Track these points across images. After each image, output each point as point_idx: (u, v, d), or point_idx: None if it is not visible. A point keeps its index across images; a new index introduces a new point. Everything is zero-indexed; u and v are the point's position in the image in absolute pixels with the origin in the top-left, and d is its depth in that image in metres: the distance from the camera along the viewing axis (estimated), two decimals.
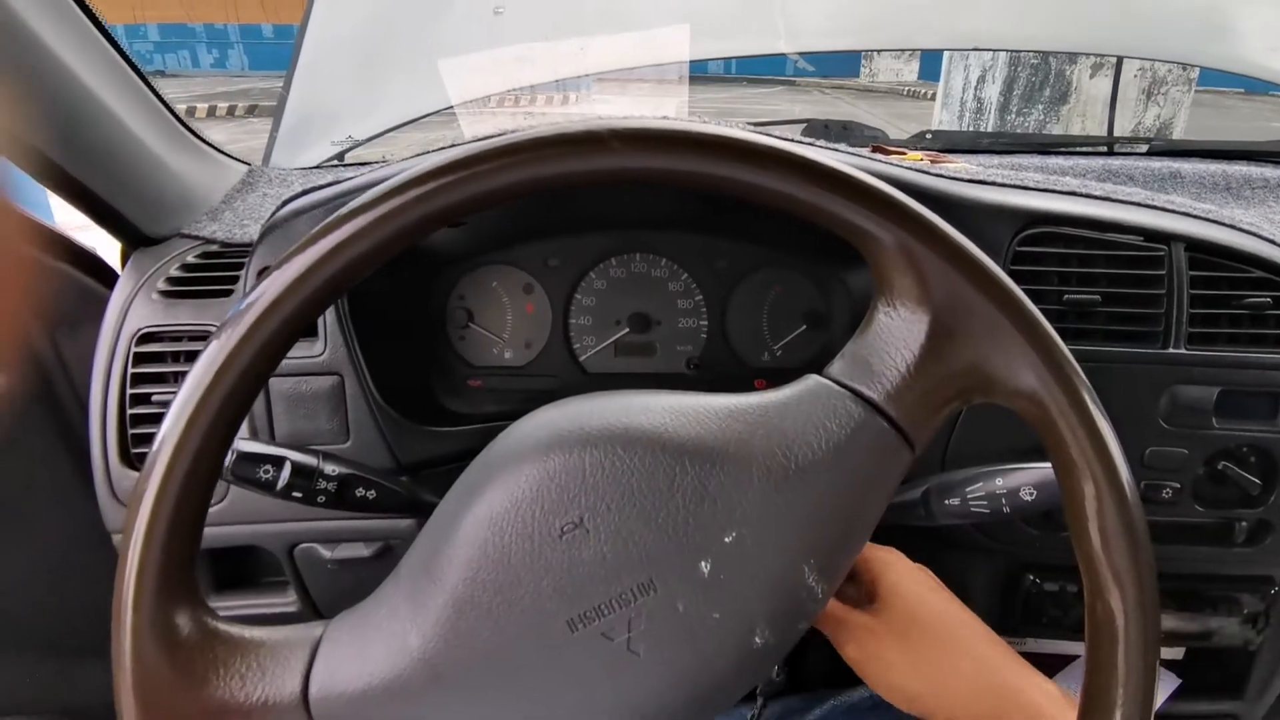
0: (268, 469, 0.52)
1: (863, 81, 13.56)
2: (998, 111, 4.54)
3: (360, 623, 0.38)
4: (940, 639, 0.50)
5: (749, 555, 0.36)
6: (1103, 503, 0.36)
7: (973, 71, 4.77)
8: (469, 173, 0.36)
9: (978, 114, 4.74)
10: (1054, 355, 0.37)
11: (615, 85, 1.27)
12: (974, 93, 4.80)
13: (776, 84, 12.90)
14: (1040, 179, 0.72)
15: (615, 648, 0.35)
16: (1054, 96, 4.42)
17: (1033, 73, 4.44)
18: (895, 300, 0.39)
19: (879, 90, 12.64)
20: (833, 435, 0.38)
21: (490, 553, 0.36)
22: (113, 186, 0.72)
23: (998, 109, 4.54)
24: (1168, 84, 4.25)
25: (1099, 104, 4.32)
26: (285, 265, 0.35)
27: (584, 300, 0.82)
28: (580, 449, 0.37)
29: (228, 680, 0.36)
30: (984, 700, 0.47)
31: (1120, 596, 0.35)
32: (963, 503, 0.52)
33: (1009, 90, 4.52)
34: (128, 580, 0.35)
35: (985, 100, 4.68)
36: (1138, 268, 0.65)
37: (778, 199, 0.38)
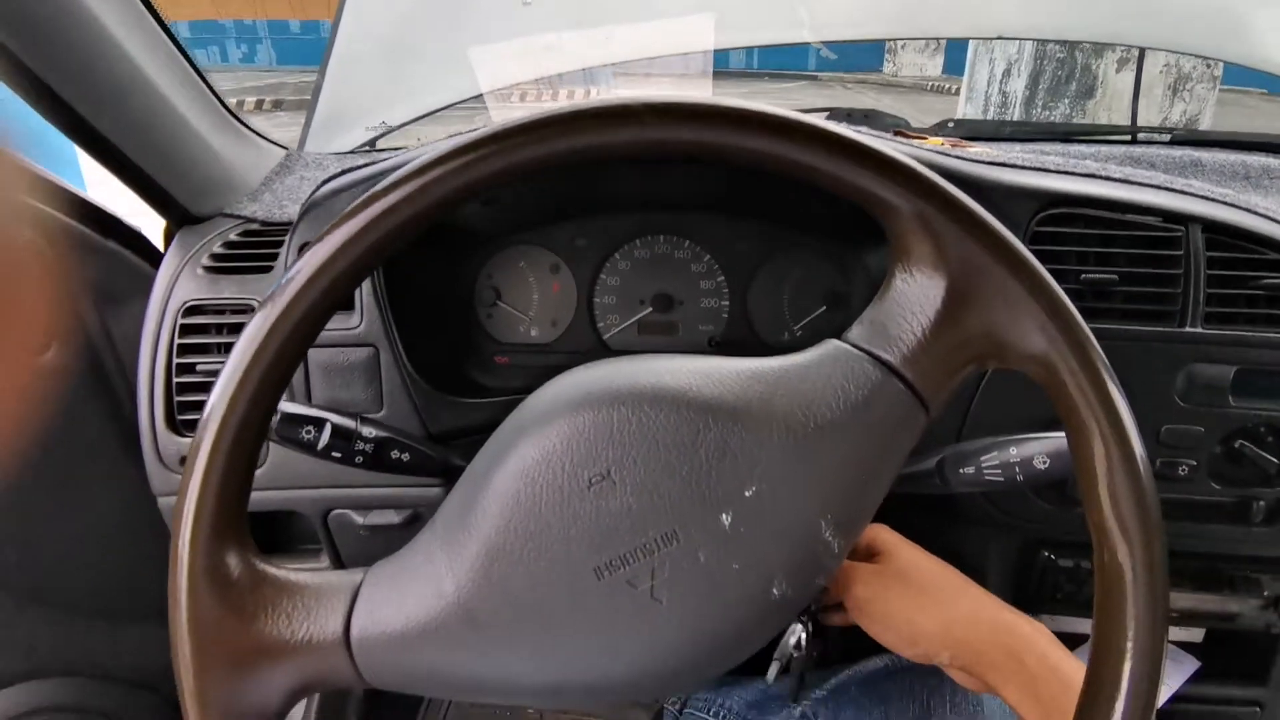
0: (310, 430, 0.54)
1: (886, 76, 13.44)
2: (1023, 105, 4.51)
3: (399, 569, 0.40)
4: (939, 581, 0.53)
5: (768, 509, 0.38)
6: (1111, 461, 0.37)
7: (998, 65, 4.74)
8: (505, 144, 0.38)
9: (1002, 108, 4.70)
10: (1064, 318, 0.38)
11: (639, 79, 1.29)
12: (999, 86, 4.76)
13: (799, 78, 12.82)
14: (1060, 162, 0.73)
15: (639, 595, 0.37)
16: (1079, 91, 4.38)
17: (1058, 66, 4.40)
18: (912, 267, 0.41)
19: (903, 85, 12.52)
20: (850, 396, 0.40)
21: (523, 502, 0.38)
22: (162, 165, 0.75)
23: (1023, 103, 4.50)
24: (1193, 80, 4.20)
25: (1124, 98, 4.28)
26: (325, 240, 0.38)
27: (609, 280, 0.84)
28: (609, 406, 0.39)
29: (275, 619, 0.38)
30: (982, 633, 0.50)
31: (1129, 551, 0.36)
32: (977, 471, 0.54)
33: (1034, 84, 4.48)
34: (185, 524, 0.37)
35: (1010, 94, 4.64)
36: (1155, 248, 0.66)
37: (802, 170, 0.40)
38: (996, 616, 0.51)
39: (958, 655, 0.51)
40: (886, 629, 0.53)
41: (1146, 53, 3.10)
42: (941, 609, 0.52)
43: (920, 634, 0.51)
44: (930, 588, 0.53)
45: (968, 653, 0.50)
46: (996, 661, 0.49)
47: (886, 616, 0.53)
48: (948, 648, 0.51)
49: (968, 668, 0.51)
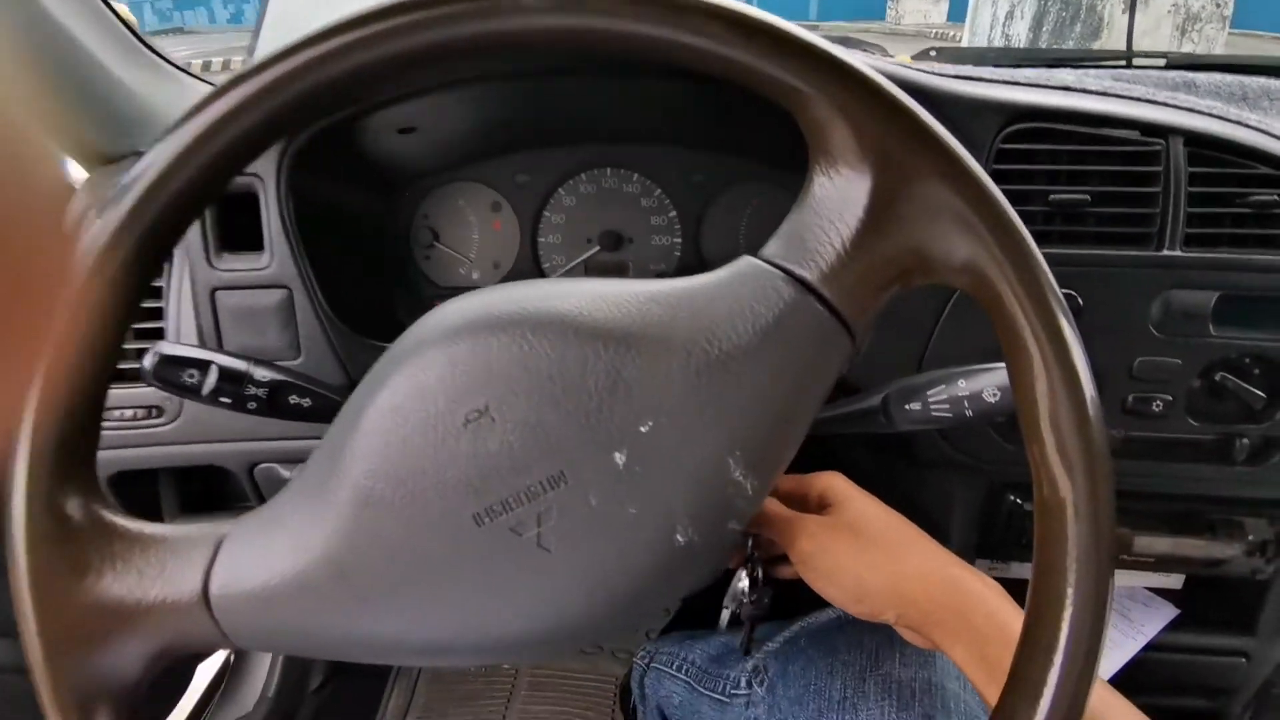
0: (193, 373, 0.50)
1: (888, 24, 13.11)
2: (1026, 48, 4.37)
3: (266, 519, 0.36)
4: (890, 535, 0.50)
5: (667, 446, 0.34)
6: (1053, 384, 0.32)
7: (1000, 7, 4.58)
8: (354, 37, 0.33)
9: None
10: (999, 220, 0.33)
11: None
12: (1002, 30, 4.61)
13: None
14: (1034, 75, 0.67)
15: (525, 543, 0.33)
16: (1084, 32, 4.23)
17: (1063, 7, 4.25)
18: (831, 167, 0.36)
19: (905, 33, 12.21)
20: (760, 318, 0.35)
21: (392, 443, 0.34)
22: (67, 102, 0.70)
23: (1026, 45, 4.36)
24: (1201, 20, 4.05)
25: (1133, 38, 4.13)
26: (166, 139, 0.33)
27: (553, 218, 0.79)
28: (487, 333, 0.35)
29: (125, 575, 0.34)
30: (932, 591, 0.47)
31: (1070, 485, 0.32)
32: (924, 408, 0.49)
33: (1038, 26, 4.33)
34: (19, 466, 0.33)
35: (1013, 37, 4.50)
36: (1132, 164, 0.60)
37: (696, 57, 0.34)
38: (947, 573, 0.48)
39: (905, 614, 0.48)
40: (831, 584, 0.49)
41: None
42: (891, 565, 0.48)
43: (867, 591, 0.48)
44: (880, 542, 0.49)
45: (915, 611, 0.47)
46: (944, 620, 0.46)
47: (832, 572, 0.49)
48: (895, 606, 0.48)
49: (915, 626, 0.48)
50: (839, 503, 0.52)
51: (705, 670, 0.74)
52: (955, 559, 0.49)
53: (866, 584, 0.48)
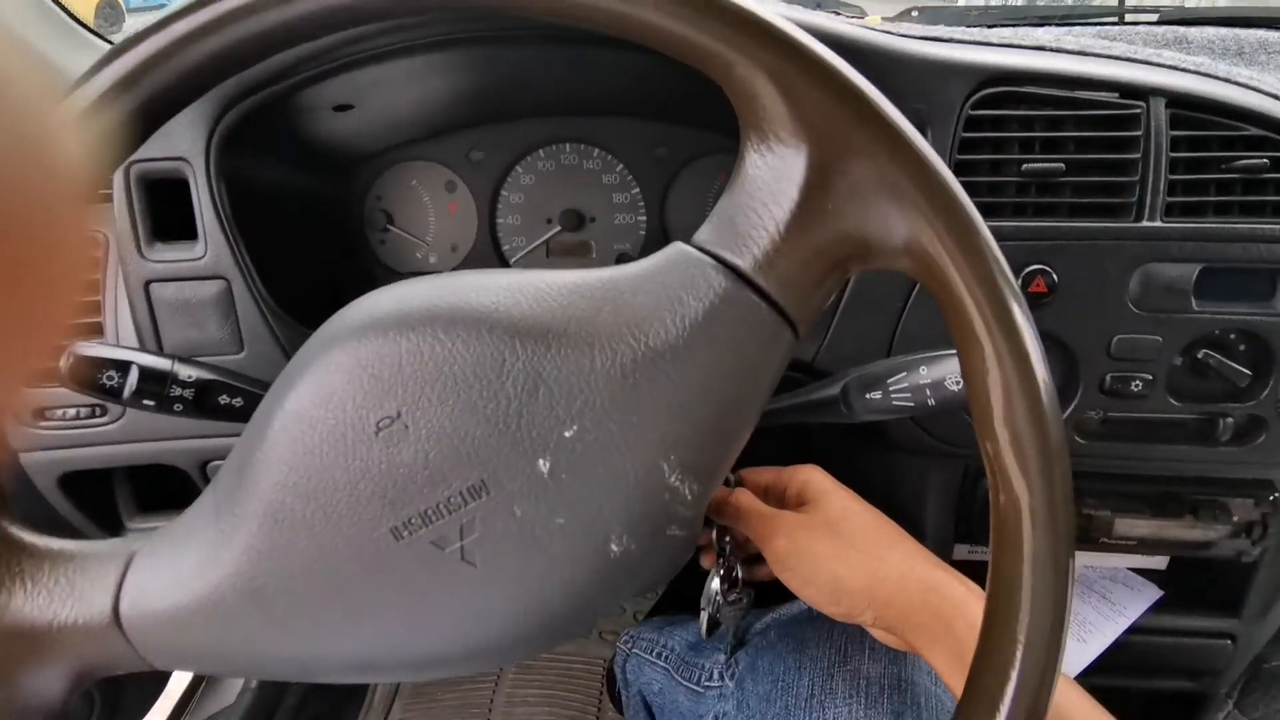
0: (112, 374, 0.47)
1: None
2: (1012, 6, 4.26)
3: (177, 535, 0.34)
4: (870, 534, 0.48)
5: (594, 451, 0.31)
6: (1006, 378, 0.30)
7: None
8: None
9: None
10: (941, 195, 0.30)
11: None
12: None
13: None
14: (1008, 35, 0.63)
15: (448, 557, 0.31)
16: None
17: None
18: (764, 143, 0.33)
19: None
20: (691, 311, 0.32)
21: (299, 453, 0.32)
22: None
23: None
24: None
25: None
26: None
27: (511, 197, 0.75)
28: (397, 332, 0.32)
29: (34, 595, 0.32)
30: (911, 593, 0.45)
31: (1026, 488, 0.30)
32: (884, 396, 0.46)
33: None
34: None
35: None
36: (1110, 129, 0.56)
37: (609, 21, 0.31)
38: (927, 575, 0.45)
39: (882, 616, 0.46)
40: (807, 584, 0.47)
41: None
42: (869, 565, 0.46)
43: (844, 592, 0.46)
44: (859, 541, 0.47)
45: (893, 614, 0.45)
46: (923, 624, 0.44)
47: (809, 571, 0.47)
48: (872, 607, 0.46)
49: (892, 629, 0.46)
50: (817, 499, 0.50)
51: (683, 659, 0.72)
52: (937, 560, 0.47)
53: (844, 585, 0.46)
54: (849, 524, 0.48)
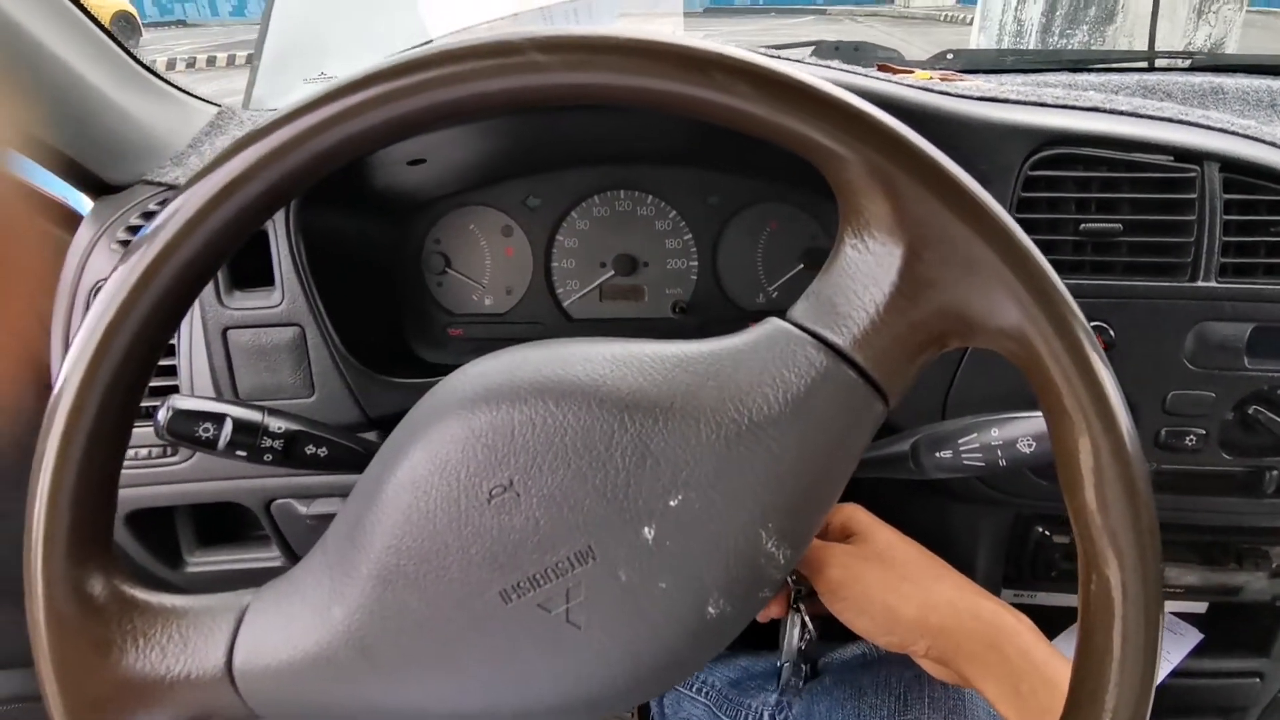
0: (207, 426, 0.49)
1: (898, 8, 12.96)
2: (1039, 33, 4.29)
3: (286, 592, 0.36)
4: (919, 565, 0.49)
5: (697, 520, 0.33)
6: (1099, 458, 0.31)
7: None
8: (358, 99, 0.31)
9: (1017, 37, 4.48)
10: (1043, 287, 0.32)
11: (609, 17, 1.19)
12: (1014, 14, 4.53)
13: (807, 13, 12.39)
14: (1061, 94, 0.65)
15: (553, 620, 0.33)
16: (1100, 16, 4.15)
17: None
18: (863, 230, 0.34)
19: (915, 17, 12.06)
20: (791, 386, 0.34)
21: (414, 519, 0.33)
22: (65, 133, 0.69)
23: (1039, 30, 4.28)
24: (1219, 1, 3.96)
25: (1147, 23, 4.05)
26: (189, 191, 0.32)
27: (566, 242, 0.77)
28: (510, 404, 0.34)
29: (148, 651, 0.34)
30: (963, 622, 0.46)
31: (1119, 566, 0.31)
32: (955, 455, 0.48)
33: (1051, 9, 4.25)
34: (35, 546, 0.33)
35: (1026, 21, 4.42)
36: (1165, 191, 0.58)
37: (724, 114, 0.33)
38: (978, 605, 0.46)
39: (935, 645, 0.46)
40: (861, 614, 0.48)
41: None
42: (921, 595, 0.47)
43: (897, 621, 0.47)
44: (909, 571, 0.48)
45: (946, 643, 0.46)
46: (976, 653, 0.45)
47: (861, 601, 0.48)
48: (925, 636, 0.47)
49: (945, 659, 0.47)
50: (863, 533, 0.51)
51: (725, 695, 0.73)
52: (984, 592, 0.48)
53: (897, 614, 0.47)
54: (897, 555, 0.49)
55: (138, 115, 0.75)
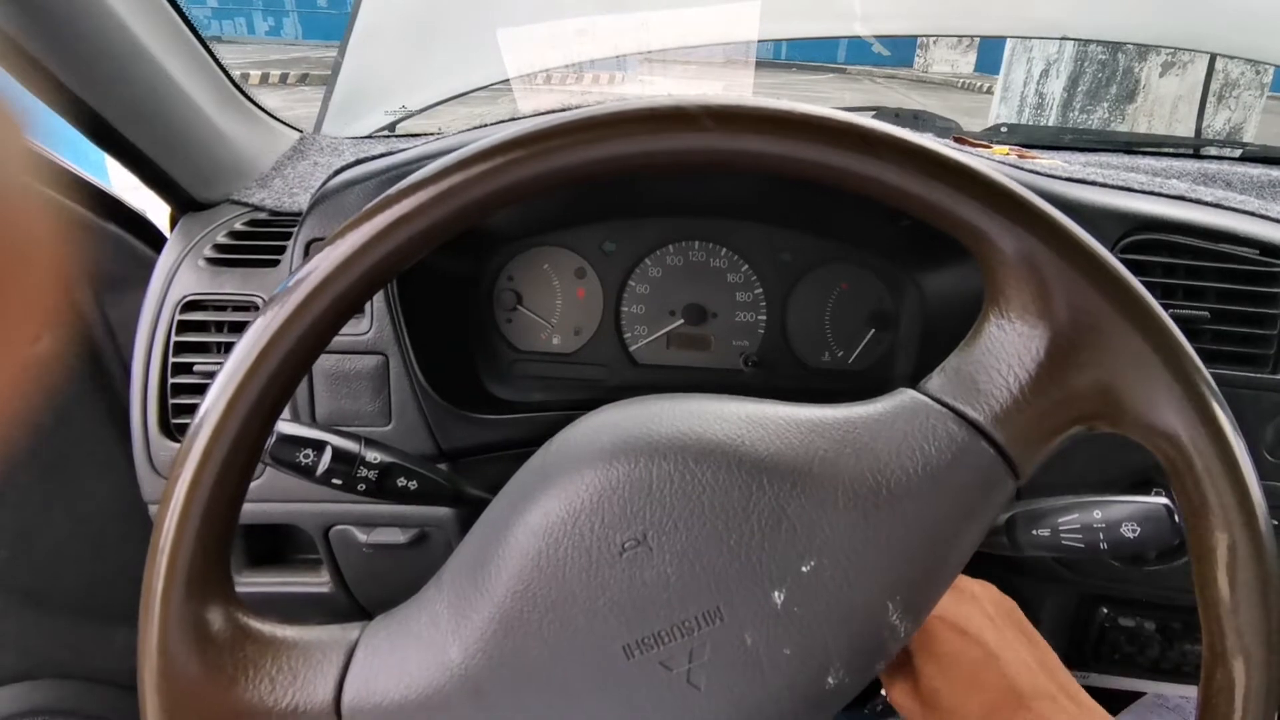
0: (308, 453, 0.49)
1: (916, 71, 13.25)
2: (1060, 108, 4.38)
3: (400, 629, 0.35)
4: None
5: (828, 587, 0.33)
6: (1236, 555, 0.32)
7: (1035, 65, 4.60)
8: (541, 148, 0.33)
9: (1038, 109, 4.58)
10: (1198, 388, 0.33)
11: (679, 67, 1.23)
12: (1035, 87, 4.63)
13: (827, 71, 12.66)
14: (1143, 180, 0.66)
15: (674, 679, 0.32)
16: (1120, 94, 4.24)
17: (1099, 69, 4.26)
18: (1010, 311, 0.35)
19: (932, 81, 12.32)
20: (930, 460, 0.34)
21: (543, 566, 0.33)
22: (164, 148, 0.70)
23: (1060, 105, 4.37)
24: (1240, 87, 4.05)
25: (1165, 104, 4.14)
26: (338, 241, 0.33)
27: (638, 288, 0.78)
28: (648, 458, 0.34)
29: (257, 682, 0.34)
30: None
31: (1245, 663, 0.32)
32: (1053, 534, 0.48)
33: (1073, 86, 4.35)
34: (159, 571, 0.33)
35: (1047, 95, 4.51)
36: (1251, 284, 0.59)
37: (886, 191, 0.34)
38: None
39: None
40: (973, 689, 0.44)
41: (1190, 58, 2.95)
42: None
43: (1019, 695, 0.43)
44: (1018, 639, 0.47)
45: None
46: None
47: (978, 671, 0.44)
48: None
49: None
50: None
51: None
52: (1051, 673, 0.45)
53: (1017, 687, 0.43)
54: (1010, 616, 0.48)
55: (231, 136, 0.77)
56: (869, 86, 11.54)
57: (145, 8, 0.66)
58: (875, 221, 0.71)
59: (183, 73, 0.70)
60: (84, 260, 0.74)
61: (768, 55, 13.20)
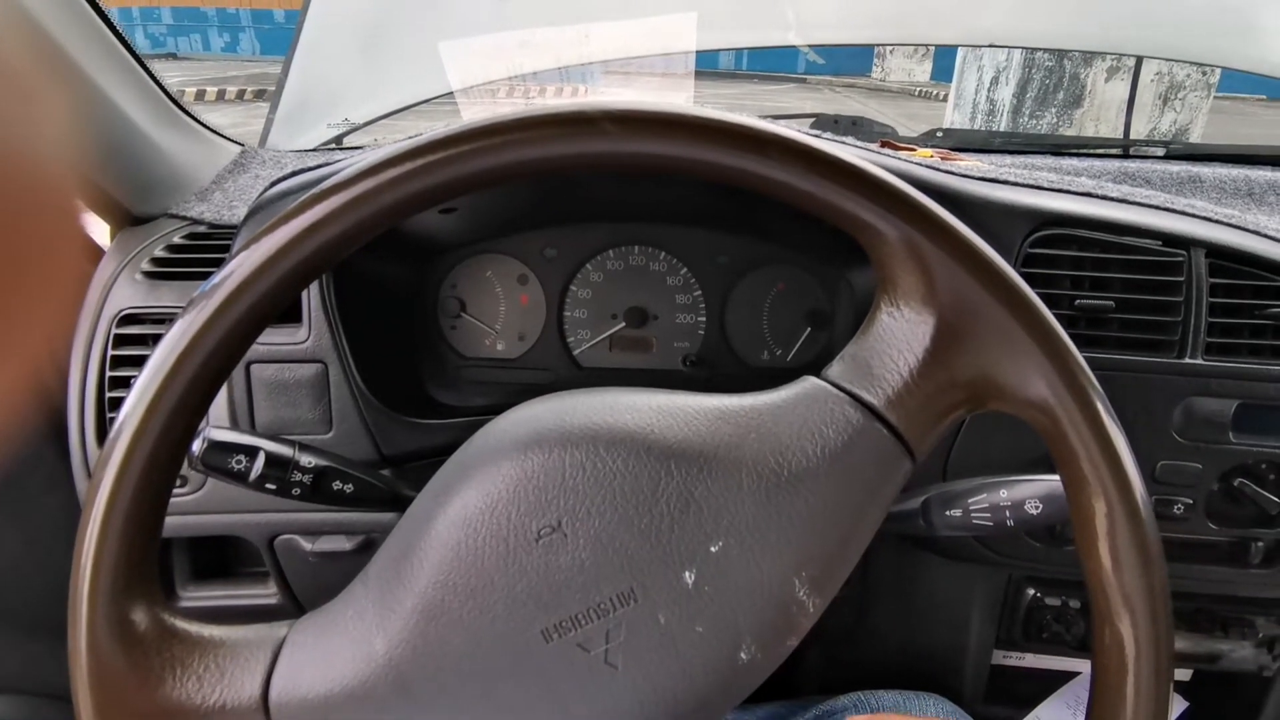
0: (240, 459, 0.49)
1: (874, 80, 13.49)
2: (1010, 113, 4.50)
3: (326, 625, 0.36)
4: None
5: (736, 566, 0.34)
6: (1114, 521, 0.34)
7: (986, 72, 4.73)
8: (450, 153, 0.34)
9: (990, 115, 4.70)
10: (1067, 364, 0.35)
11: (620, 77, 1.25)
12: (987, 94, 4.75)
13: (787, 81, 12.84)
14: (1055, 179, 0.69)
15: (592, 659, 0.34)
16: (1068, 100, 4.37)
17: (1047, 75, 4.39)
18: (899, 300, 0.37)
19: (890, 90, 12.56)
20: (829, 442, 0.36)
21: (463, 555, 0.34)
22: (96, 162, 0.70)
23: (1010, 111, 4.49)
24: (1185, 89, 4.19)
25: (1113, 108, 4.28)
26: (256, 244, 0.34)
27: (579, 293, 0.80)
28: (560, 448, 0.35)
29: (184, 680, 0.34)
30: None
31: (1131, 622, 0.34)
32: (964, 514, 0.50)
33: (1022, 92, 4.47)
34: (83, 574, 0.33)
35: (998, 102, 4.64)
36: (1155, 273, 0.62)
37: (777, 188, 0.36)
38: None
39: None
40: None
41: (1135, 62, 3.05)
42: None
43: None
44: None
45: None
46: None
47: None
48: None
49: None
50: None
51: None
52: None
53: None
54: None
55: (168, 150, 0.77)
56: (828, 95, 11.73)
57: (78, 25, 0.66)
58: (808, 222, 0.74)
59: (116, 86, 0.70)
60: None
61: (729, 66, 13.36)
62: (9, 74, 0.14)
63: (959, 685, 0.77)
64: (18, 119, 0.14)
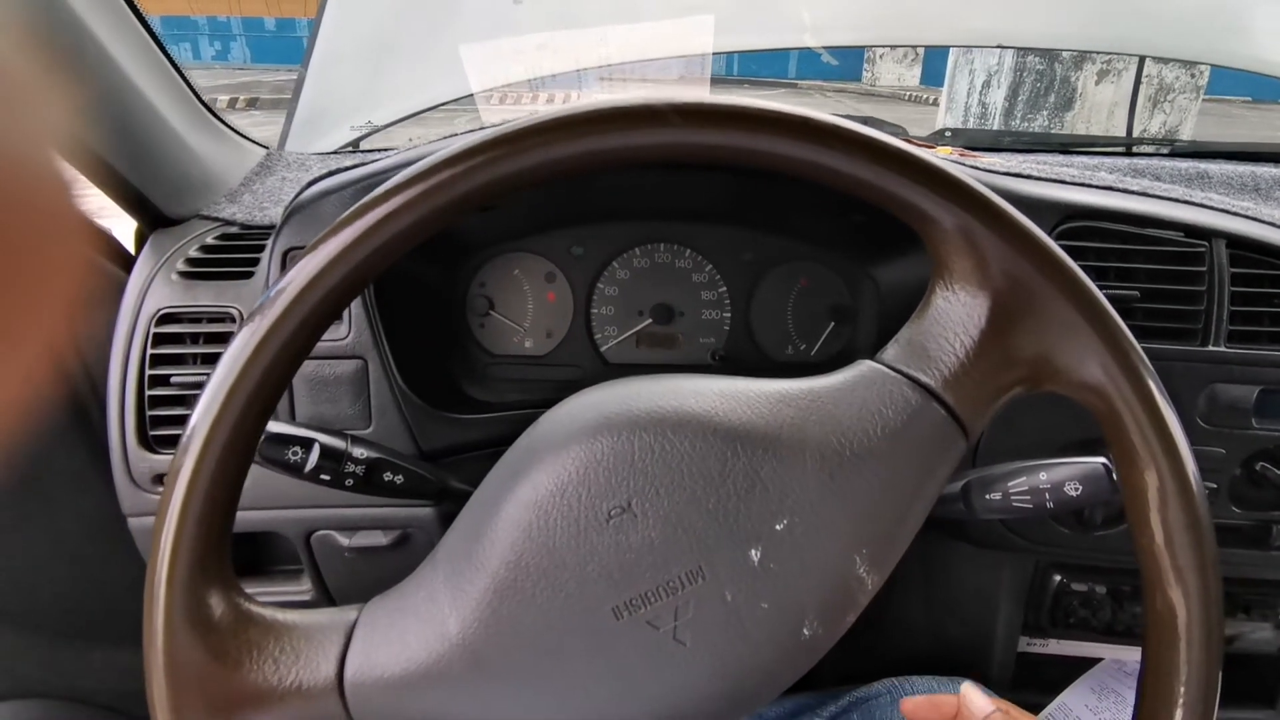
0: (296, 450, 0.50)
1: (864, 85, 13.57)
2: (1002, 116, 4.54)
3: (397, 606, 0.37)
4: None
5: (800, 544, 0.35)
6: (1166, 496, 0.35)
7: (978, 76, 4.77)
8: (518, 147, 0.35)
9: (982, 118, 4.74)
10: (1120, 345, 0.36)
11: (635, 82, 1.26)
12: (978, 97, 4.80)
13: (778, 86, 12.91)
14: (1075, 174, 0.71)
15: (661, 636, 0.34)
16: (1059, 102, 4.42)
17: (1038, 78, 4.44)
18: (954, 284, 0.38)
19: (880, 94, 12.64)
20: (889, 422, 0.37)
21: (534, 536, 0.35)
22: (135, 165, 0.71)
23: (1002, 113, 4.54)
24: (1175, 91, 4.25)
25: (1102, 111, 4.33)
26: (319, 248, 0.35)
27: (607, 290, 0.81)
28: (629, 431, 0.36)
29: (261, 664, 0.35)
30: None
31: (1183, 592, 0.35)
32: (1004, 497, 0.51)
33: (1014, 95, 4.52)
34: (162, 560, 0.34)
35: (990, 104, 4.68)
36: (1178, 264, 0.64)
37: (838, 178, 0.37)
38: None
39: None
40: None
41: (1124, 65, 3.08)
42: None
43: None
44: None
45: None
46: None
47: None
48: None
49: None
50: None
51: None
52: None
53: None
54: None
55: (200, 153, 0.78)
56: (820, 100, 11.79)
57: (121, 28, 0.67)
58: (830, 219, 0.75)
59: (154, 90, 0.71)
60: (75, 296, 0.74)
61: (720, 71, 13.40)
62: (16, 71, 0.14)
63: (987, 672, 0.79)
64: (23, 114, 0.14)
